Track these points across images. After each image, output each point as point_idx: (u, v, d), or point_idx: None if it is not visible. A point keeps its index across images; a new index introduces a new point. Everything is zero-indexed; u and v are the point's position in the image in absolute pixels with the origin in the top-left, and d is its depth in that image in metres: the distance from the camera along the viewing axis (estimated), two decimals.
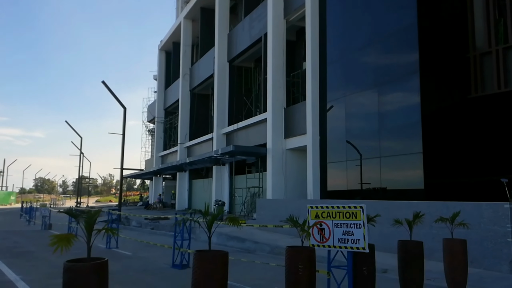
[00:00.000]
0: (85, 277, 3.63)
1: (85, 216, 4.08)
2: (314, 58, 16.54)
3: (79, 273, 3.64)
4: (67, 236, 3.87)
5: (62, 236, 3.85)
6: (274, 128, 18.78)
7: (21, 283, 7.01)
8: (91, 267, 3.70)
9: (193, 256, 4.58)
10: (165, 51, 39.68)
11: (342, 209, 5.49)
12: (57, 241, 3.79)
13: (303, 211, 10.98)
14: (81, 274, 3.63)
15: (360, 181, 14.18)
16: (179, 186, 31.67)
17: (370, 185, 13.78)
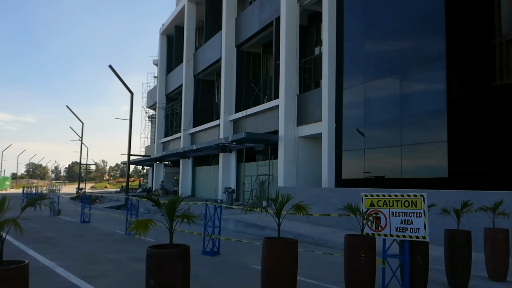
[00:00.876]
0: (171, 263, 3.65)
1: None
2: (331, 43, 16.35)
3: (166, 259, 3.64)
4: (145, 221, 3.83)
5: (141, 222, 3.81)
6: (287, 115, 18.66)
7: (60, 269, 6.94)
8: (176, 253, 3.68)
9: (263, 244, 4.51)
10: (166, 35, 39.13)
11: (400, 197, 5.44)
12: (136, 226, 3.76)
13: (321, 199, 10.85)
14: (167, 260, 3.64)
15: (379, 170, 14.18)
16: (183, 173, 31.56)
17: (389, 174, 13.78)
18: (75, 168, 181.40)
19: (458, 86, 12.02)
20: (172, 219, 3.92)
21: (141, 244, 10.42)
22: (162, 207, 3.98)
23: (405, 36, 13.33)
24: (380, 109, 14.34)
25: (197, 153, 28.38)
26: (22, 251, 8.81)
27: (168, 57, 38.87)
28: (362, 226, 5.53)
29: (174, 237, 10.77)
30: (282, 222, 4.92)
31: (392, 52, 13.86)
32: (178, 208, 4.08)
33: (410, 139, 12.90)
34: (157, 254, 3.64)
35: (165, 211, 3.94)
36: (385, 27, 14.15)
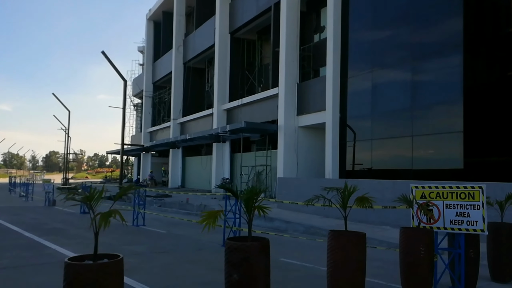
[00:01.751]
0: (255, 256, 3.50)
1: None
2: (336, 29, 16.03)
3: (250, 253, 3.53)
4: (214, 213, 3.63)
5: (212, 214, 3.60)
6: (287, 104, 18.34)
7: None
8: (260, 246, 3.49)
9: (330, 236, 4.23)
10: (153, 21, 38.10)
11: (456, 189, 5.22)
12: (207, 218, 3.57)
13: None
14: (252, 253, 3.51)
15: (387, 161, 14.07)
16: (172, 163, 31.00)
17: (399, 165, 13.68)
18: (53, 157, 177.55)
19: (475, 75, 11.93)
20: (250, 211, 3.65)
21: (155, 235, 10.14)
22: (240, 198, 3.72)
23: (418, 23, 13.14)
24: (389, 99, 14.18)
25: (188, 143, 27.87)
26: (39, 242, 8.44)
27: (155, 44, 37.92)
28: (418, 218, 5.30)
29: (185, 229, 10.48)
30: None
31: (403, 39, 13.66)
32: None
33: (422, 129, 12.79)
34: (241, 247, 3.50)
35: (243, 202, 3.68)
36: (396, 12, 13.93)
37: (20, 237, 9.17)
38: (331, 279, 4.16)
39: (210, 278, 5.87)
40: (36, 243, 8.34)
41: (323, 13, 20.05)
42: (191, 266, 6.67)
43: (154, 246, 8.48)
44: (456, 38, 11.66)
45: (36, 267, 6.23)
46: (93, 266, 2.89)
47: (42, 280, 5.48)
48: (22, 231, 10.01)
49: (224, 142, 24.21)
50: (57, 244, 8.14)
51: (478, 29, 12.11)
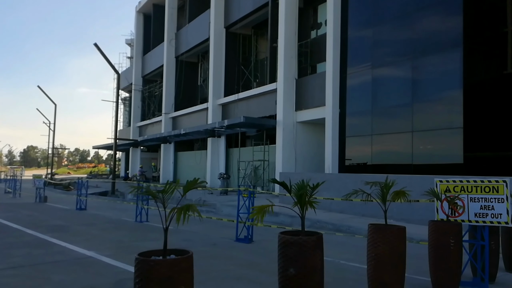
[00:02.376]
0: (312, 250, 3.62)
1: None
2: (336, 25, 16.28)
3: (307, 247, 3.64)
4: (264, 207, 3.80)
5: (261, 207, 3.77)
6: (286, 100, 18.56)
7: (107, 259, 6.62)
8: (316, 241, 3.63)
9: (371, 230, 4.45)
10: (143, 13, 37.76)
11: (480, 183, 5.51)
12: (257, 212, 3.74)
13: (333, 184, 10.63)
14: (308, 248, 3.63)
15: (387, 156, 14.43)
16: (164, 158, 30.95)
17: (399, 160, 14.05)
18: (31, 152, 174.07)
19: (474, 72, 12.33)
20: (303, 206, 3.81)
21: (162, 231, 10.20)
22: (293, 194, 3.86)
23: (419, 21, 13.46)
24: (389, 95, 14.52)
25: (181, 137, 27.86)
26: (45, 240, 8.37)
27: (145, 36, 37.59)
28: (443, 212, 5.57)
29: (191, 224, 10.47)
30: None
31: (403, 35, 13.99)
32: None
33: (422, 125, 13.17)
34: (298, 242, 3.59)
35: (296, 197, 3.83)
36: (396, 8, 14.24)
37: (23, 235, 9.09)
38: (373, 272, 4.37)
39: (239, 273, 6.03)
40: (43, 241, 8.30)
41: (320, 10, 20.30)
42: (215, 261, 6.80)
43: (168, 242, 8.53)
44: (456, 35, 12.05)
45: (53, 265, 6.24)
46: (167, 262, 2.92)
47: (62, 278, 5.53)
48: (23, 228, 9.91)
49: (219, 137, 24.32)
50: (65, 241, 8.10)
51: (477, 27, 12.51)
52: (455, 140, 12.25)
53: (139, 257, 2.97)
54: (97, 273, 5.81)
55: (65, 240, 8.19)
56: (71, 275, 5.63)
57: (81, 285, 5.22)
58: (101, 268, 6.09)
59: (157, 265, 2.86)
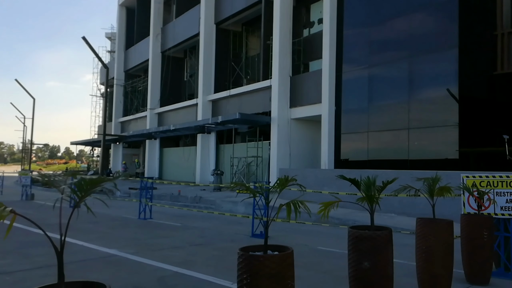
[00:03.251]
0: (385, 245, 3.84)
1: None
2: (332, 23, 16.65)
3: (380, 241, 3.84)
4: (331, 203, 3.96)
5: (328, 204, 3.94)
6: (280, 97, 18.85)
7: (134, 257, 6.74)
8: (388, 235, 3.86)
9: (420, 224, 4.77)
10: (126, 7, 37.21)
11: (506, 178, 5.94)
12: (324, 207, 3.90)
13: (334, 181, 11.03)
14: (382, 242, 3.83)
15: (383, 152, 14.94)
16: (149, 155, 30.73)
17: (396, 156, 14.58)
18: None
19: (469, 72, 12.97)
20: (372, 201, 4.06)
21: (171, 228, 10.35)
22: (362, 188, 4.09)
23: (415, 21, 13.99)
24: (385, 93, 15.02)
25: (167, 133, 27.75)
26: (57, 239, 8.27)
27: (127, 30, 37.07)
28: (470, 206, 5.97)
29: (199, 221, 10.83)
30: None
31: (400, 36, 14.50)
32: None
33: (418, 122, 13.72)
34: (371, 236, 3.84)
35: (364, 192, 4.07)
36: (393, 6, 14.73)
37: (30, 233, 8.73)
38: (424, 265, 4.69)
39: None
40: (55, 240, 8.24)
41: (312, 8, 20.67)
42: None
43: (183, 239, 8.62)
44: (452, 36, 12.67)
45: (82, 264, 6.19)
46: (277, 258, 2.95)
47: (99, 277, 5.58)
48: (26, 227, 9.60)
49: (209, 133, 24.37)
50: (79, 240, 8.02)
51: (472, 29, 13.14)
52: (451, 137, 12.86)
53: (245, 252, 3.01)
54: (133, 271, 5.88)
55: (79, 239, 8.12)
56: (106, 274, 5.60)
57: (124, 284, 5.20)
58: (133, 266, 6.18)
59: (267, 261, 2.90)
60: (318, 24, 20.29)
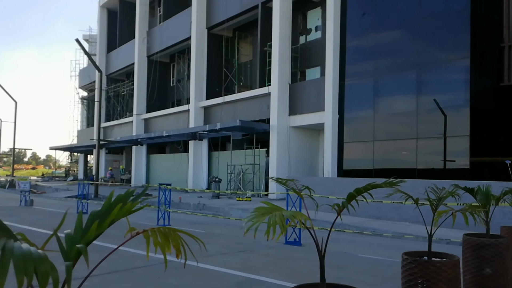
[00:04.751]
0: (505, 252, 3.96)
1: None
2: (336, 31, 16.59)
3: (502, 248, 3.94)
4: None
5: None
6: (280, 105, 18.64)
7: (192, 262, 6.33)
8: (508, 242, 3.91)
9: (467, 242, 4.63)
10: (107, 8, 36.12)
11: None
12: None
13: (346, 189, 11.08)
14: (503, 249, 3.95)
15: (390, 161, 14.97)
16: (136, 161, 29.86)
17: (403, 165, 14.63)
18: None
19: (479, 83, 13.14)
20: (488, 210, 3.95)
21: (199, 235, 9.89)
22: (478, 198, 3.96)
23: (424, 32, 14.07)
24: (393, 102, 15.05)
25: (155, 140, 27.07)
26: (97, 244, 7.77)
27: (109, 33, 36.00)
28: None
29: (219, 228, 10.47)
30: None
31: (407, 46, 14.57)
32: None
33: (427, 132, 13.80)
34: (494, 244, 3.89)
35: (481, 201, 3.99)
36: (399, 21, 14.80)
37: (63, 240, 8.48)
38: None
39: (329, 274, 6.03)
40: (96, 246, 7.78)
41: (309, 15, 20.61)
42: (294, 263, 6.76)
43: (223, 246, 8.33)
44: (463, 47, 12.80)
45: (148, 270, 5.93)
46: (452, 264, 3.10)
47: (176, 282, 5.29)
48: (50, 232, 9.18)
49: (201, 140, 23.90)
50: (128, 247, 7.68)
51: (480, 40, 13.35)
52: (462, 147, 12.98)
53: (418, 258, 3.16)
54: (203, 276, 5.64)
55: (117, 244, 7.71)
56: (181, 279, 5.40)
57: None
58: (198, 271, 5.84)
59: (444, 266, 3.06)
60: (316, 31, 20.25)
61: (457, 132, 13.07)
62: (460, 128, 12.99)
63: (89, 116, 41.61)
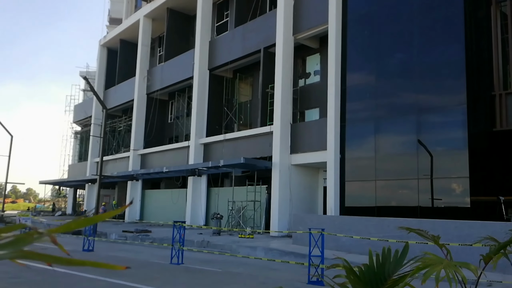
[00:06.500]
0: None
1: None
2: (337, 76, 17.37)
3: None
4: None
5: None
6: (282, 143, 19.09)
7: None
8: None
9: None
10: (107, 47, 36.78)
11: None
12: None
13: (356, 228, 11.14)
14: None
15: (392, 199, 15.38)
16: (130, 196, 29.52)
17: (404, 203, 15.05)
18: None
19: (476, 128, 13.90)
20: None
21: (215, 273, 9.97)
22: None
23: (422, 79, 14.91)
24: (392, 144, 15.66)
25: (152, 175, 27.00)
26: (126, 285, 7.81)
27: (107, 71, 36.47)
28: None
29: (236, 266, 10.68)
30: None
31: (407, 92, 15.37)
32: None
33: (428, 172, 14.35)
34: None
35: None
36: (399, 69, 15.68)
37: (91, 280, 8.41)
38: None
39: None
40: (124, 286, 7.78)
41: (308, 61, 21.57)
42: None
43: (250, 286, 8.41)
44: (460, 93, 13.64)
45: None
46: None
47: None
48: (76, 272, 9.09)
49: (200, 176, 23.99)
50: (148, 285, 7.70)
51: (476, 89, 14.24)
52: (462, 187, 13.52)
53: None
54: None
55: (146, 284, 7.74)
56: None
57: None
58: None
59: None
60: (314, 75, 21.13)
61: (457, 173, 13.66)
62: (460, 169, 13.59)
63: (81, 150, 41.26)
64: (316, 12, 19.02)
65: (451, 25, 14.37)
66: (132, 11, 35.77)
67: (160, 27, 30.50)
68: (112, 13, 42.80)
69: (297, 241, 14.99)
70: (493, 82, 14.82)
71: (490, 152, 14.46)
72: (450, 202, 13.95)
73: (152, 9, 29.61)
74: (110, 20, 42.49)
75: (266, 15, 21.84)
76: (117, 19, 39.59)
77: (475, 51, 14.45)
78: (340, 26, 17.66)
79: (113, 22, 40.99)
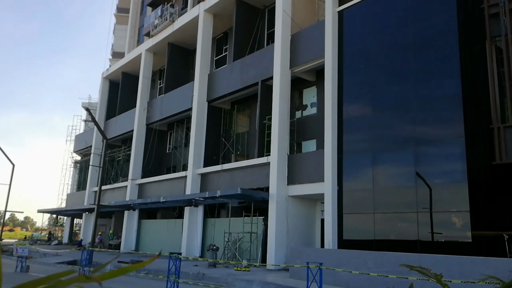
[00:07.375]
0: None
1: None
2: (334, 108, 16.94)
3: None
4: None
5: None
6: (279, 174, 18.43)
7: None
8: None
9: None
10: (109, 80, 36.63)
11: None
12: None
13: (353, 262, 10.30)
14: None
15: (390, 233, 14.60)
16: (127, 226, 28.47)
17: (404, 237, 14.26)
18: None
19: (474, 162, 13.32)
20: None
21: None
22: None
23: (419, 113, 14.48)
24: (391, 177, 15.04)
25: (149, 205, 26.10)
26: None
27: (109, 102, 36.17)
28: None
29: None
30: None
31: (404, 126, 14.89)
32: None
33: (427, 205, 13.66)
34: None
35: None
36: (396, 101, 15.27)
37: None
38: None
39: None
40: None
41: (305, 93, 21.23)
42: None
43: None
44: (457, 128, 13.14)
45: None
46: None
47: None
48: None
49: (197, 207, 23.14)
50: None
51: (474, 122, 13.77)
52: (463, 222, 12.80)
53: None
54: None
55: None
56: None
57: None
58: None
59: None
60: (311, 107, 20.73)
61: (457, 206, 12.98)
62: (460, 202, 12.93)
63: (80, 180, 40.36)
64: (312, 46, 18.84)
65: (447, 58, 14.08)
66: (134, 46, 35.89)
67: (161, 60, 30.45)
68: (115, 48, 43.06)
69: (295, 275, 14.09)
70: (491, 116, 14.37)
71: (490, 186, 13.83)
72: (451, 236, 13.20)
73: (154, 43, 29.60)
74: (113, 54, 42.69)
75: (264, 50, 21.70)
76: (120, 53, 39.77)
77: (471, 85, 14.07)
78: (336, 60, 17.42)
79: (116, 55, 41.16)
